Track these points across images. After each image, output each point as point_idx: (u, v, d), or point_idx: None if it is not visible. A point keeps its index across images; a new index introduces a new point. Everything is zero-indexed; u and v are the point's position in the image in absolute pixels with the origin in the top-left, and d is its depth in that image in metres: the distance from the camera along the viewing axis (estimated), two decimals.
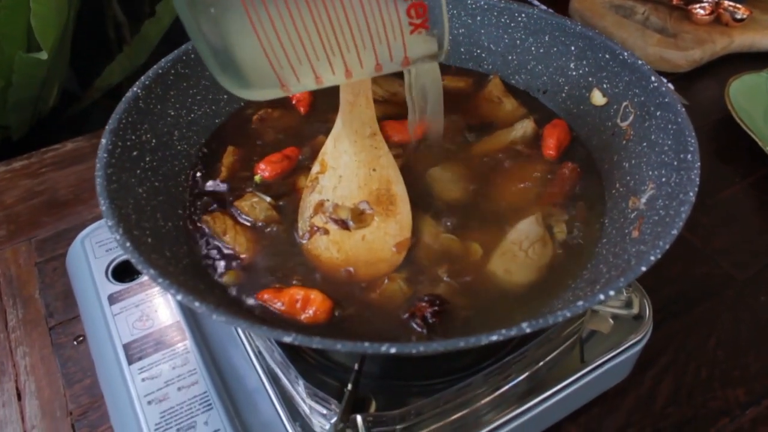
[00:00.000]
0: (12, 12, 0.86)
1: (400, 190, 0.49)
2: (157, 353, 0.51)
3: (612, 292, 0.35)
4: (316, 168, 0.50)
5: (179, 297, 0.36)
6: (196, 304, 0.35)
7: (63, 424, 0.57)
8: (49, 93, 1.18)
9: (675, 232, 0.38)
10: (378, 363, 0.52)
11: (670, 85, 0.91)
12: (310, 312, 0.42)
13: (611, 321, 0.56)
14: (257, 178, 0.51)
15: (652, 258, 0.36)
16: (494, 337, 0.32)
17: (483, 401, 0.49)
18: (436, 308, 0.41)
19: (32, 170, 0.81)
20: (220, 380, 0.50)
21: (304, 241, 0.47)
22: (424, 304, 0.42)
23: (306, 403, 0.47)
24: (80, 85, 1.77)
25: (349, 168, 0.50)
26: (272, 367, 0.50)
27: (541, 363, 0.51)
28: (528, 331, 0.33)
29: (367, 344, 0.32)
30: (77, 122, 1.37)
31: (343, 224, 0.47)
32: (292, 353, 0.50)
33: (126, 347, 0.52)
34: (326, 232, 0.47)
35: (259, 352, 0.51)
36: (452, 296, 0.43)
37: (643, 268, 0.36)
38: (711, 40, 0.94)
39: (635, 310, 0.55)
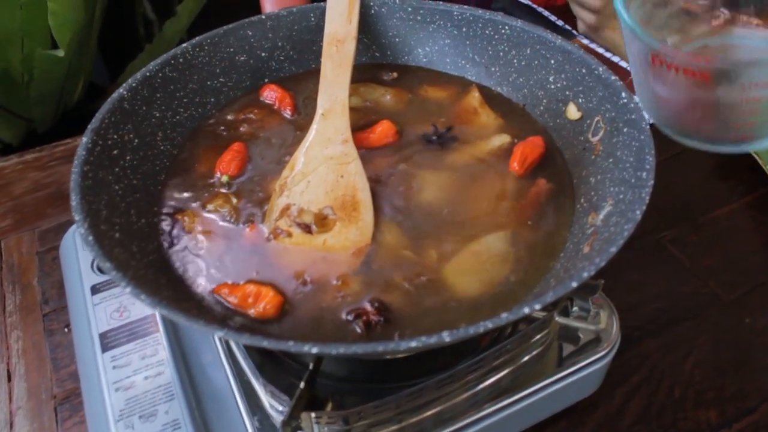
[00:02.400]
0: (32, 10, 0.90)
1: (364, 197, 0.50)
2: (130, 343, 0.53)
3: (537, 306, 0.35)
4: (286, 172, 0.52)
5: (128, 289, 0.38)
6: (142, 296, 0.37)
7: (47, 406, 0.60)
8: (73, 87, 1.23)
9: (614, 249, 0.38)
10: (343, 364, 0.53)
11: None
12: (261, 307, 0.43)
13: (581, 336, 0.56)
14: (224, 178, 0.53)
15: (585, 274, 0.37)
16: (413, 344, 0.33)
17: (439, 408, 0.50)
18: (381, 318, 0.42)
19: (42, 163, 0.85)
20: (186, 372, 0.52)
21: (269, 242, 0.49)
22: (371, 309, 0.43)
23: (266, 399, 0.49)
24: (111, 79, 1.83)
25: (318, 174, 0.51)
26: (239, 361, 0.52)
27: (502, 373, 0.51)
28: (448, 340, 0.33)
29: (291, 343, 0.34)
30: None
31: (307, 228, 0.49)
32: (257, 350, 0.52)
33: (102, 336, 0.54)
34: (289, 234, 0.49)
35: (228, 347, 0.53)
36: (402, 303, 0.44)
37: (574, 284, 0.36)
38: None
39: (602, 326, 0.55)
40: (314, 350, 0.34)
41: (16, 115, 1.23)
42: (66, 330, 0.66)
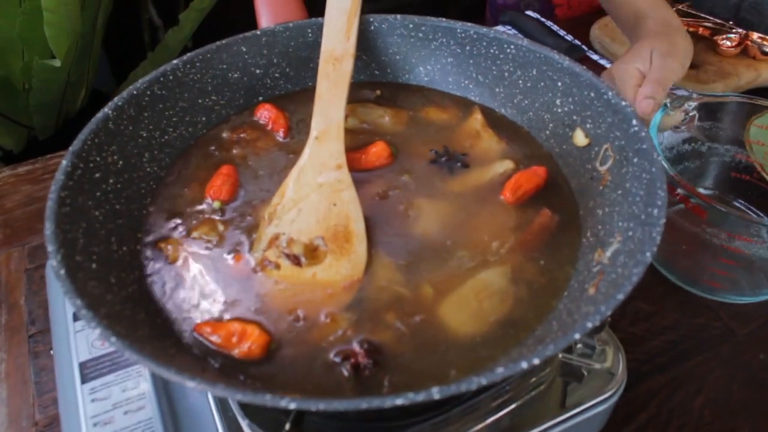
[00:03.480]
0: (30, 19, 0.88)
1: (358, 227, 0.47)
2: (111, 374, 0.51)
3: (536, 360, 0.32)
4: (276, 199, 0.49)
5: (98, 330, 0.35)
6: (112, 339, 0.35)
7: None
8: (74, 95, 1.22)
9: (621, 296, 0.35)
10: None
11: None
12: (245, 347, 0.41)
13: (585, 373, 0.53)
14: (216, 204, 0.50)
15: (589, 325, 0.34)
16: (399, 401, 0.31)
17: None
18: (370, 361, 0.39)
19: (35, 176, 0.83)
20: (168, 407, 0.49)
21: (255, 274, 0.46)
22: (359, 351, 0.40)
23: None
24: (118, 85, 1.81)
25: (309, 201, 0.49)
26: (225, 398, 0.49)
27: (501, 413, 0.49)
28: (437, 397, 0.31)
29: (267, 397, 0.31)
30: None
31: (296, 260, 0.46)
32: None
33: (82, 366, 0.52)
34: (278, 266, 0.46)
35: None
36: (394, 344, 0.42)
37: (577, 336, 0.34)
38: (736, 73, 0.89)
39: (608, 364, 0.52)
40: (292, 405, 0.31)
41: (16, 123, 1.21)
42: (51, 352, 0.63)
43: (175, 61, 0.56)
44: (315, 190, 0.49)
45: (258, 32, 0.60)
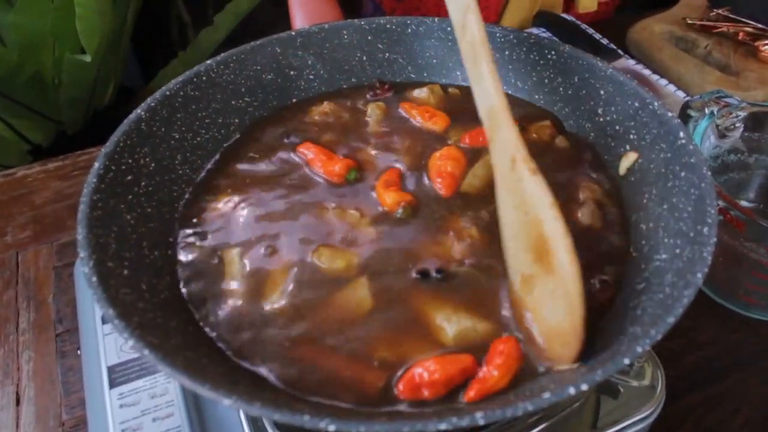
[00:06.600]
0: (64, 14, 0.88)
1: (551, 229, 0.39)
2: (139, 379, 0.50)
3: (585, 386, 0.31)
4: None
5: (131, 342, 0.35)
6: (146, 351, 0.34)
7: None
8: (103, 90, 1.22)
9: (671, 320, 0.34)
10: None
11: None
12: None
13: (621, 389, 0.51)
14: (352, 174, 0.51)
15: (639, 349, 0.33)
16: (442, 425, 0.29)
17: None
18: None
19: (65, 172, 0.83)
20: (197, 415, 0.48)
21: None
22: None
23: None
24: (145, 80, 1.82)
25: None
26: None
27: (536, 429, 0.47)
28: (482, 422, 0.30)
29: (306, 417, 0.30)
30: None
31: None
32: None
33: (110, 370, 0.51)
34: None
35: None
36: None
37: (627, 361, 0.32)
38: None
39: (646, 382, 0.50)
40: (331, 428, 0.30)
41: (46, 117, 1.22)
42: (79, 352, 0.63)
43: (208, 62, 0.55)
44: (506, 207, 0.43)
45: (293, 33, 0.59)
